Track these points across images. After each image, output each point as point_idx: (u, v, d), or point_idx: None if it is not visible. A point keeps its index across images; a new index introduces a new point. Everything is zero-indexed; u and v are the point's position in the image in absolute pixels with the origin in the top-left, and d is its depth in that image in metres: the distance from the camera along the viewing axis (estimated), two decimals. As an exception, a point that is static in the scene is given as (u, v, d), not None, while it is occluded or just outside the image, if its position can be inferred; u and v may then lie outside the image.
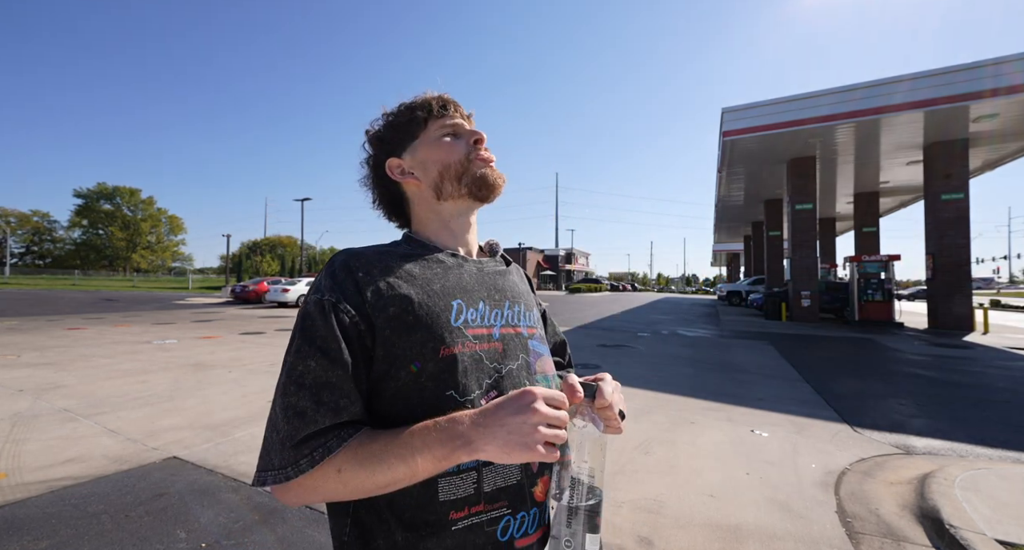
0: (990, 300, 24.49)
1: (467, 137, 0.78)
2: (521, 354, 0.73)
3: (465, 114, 0.82)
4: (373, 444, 0.56)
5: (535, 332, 0.79)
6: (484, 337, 0.69)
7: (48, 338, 9.01)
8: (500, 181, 0.79)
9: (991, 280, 62.79)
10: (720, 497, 2.78)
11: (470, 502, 0.62)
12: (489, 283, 0.76)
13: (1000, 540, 2.24)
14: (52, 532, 2.27)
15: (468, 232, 0.81)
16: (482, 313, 0.71)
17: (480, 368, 0.66)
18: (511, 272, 0.84)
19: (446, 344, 0.64)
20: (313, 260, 58.36)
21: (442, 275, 0.71)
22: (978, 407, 4.84)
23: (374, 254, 0.70)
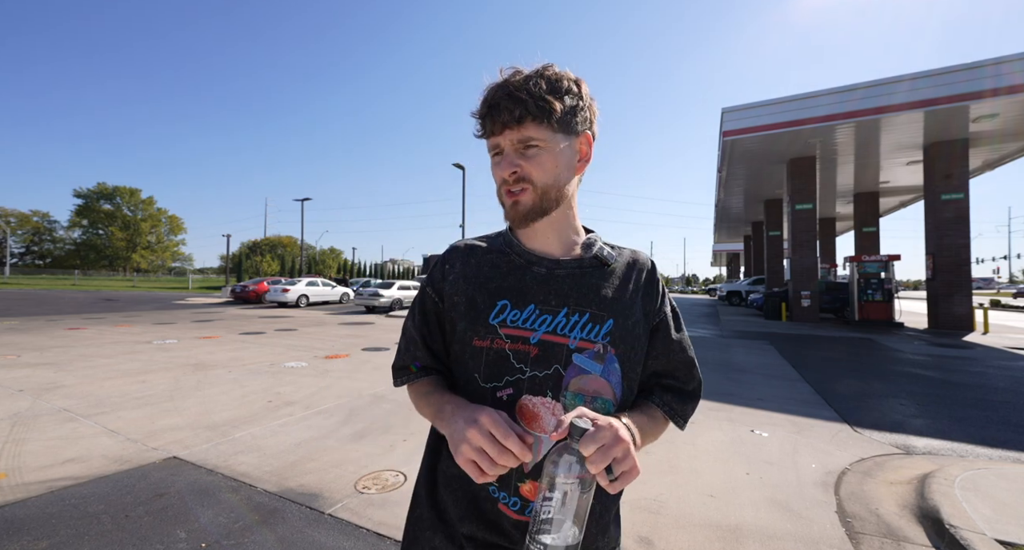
0: (990, 300, 24.48)
1: (495, 170, 0.77)
2: (556, 364, 0.72)
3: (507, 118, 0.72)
4: (423, 389, 0.81)
5: (592, 347, 0.73)
6: (518, 338, 0.73)
7: (48, 338, 9.01)
8: (522, 219, 0.77)
9: (991, 280, 62.75)
10: (720, 497, 2.78)
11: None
12: (554, 286, 0.77)
13: (1000, 540, 2.24)
14: (52, 532, 2.27)
15: (539, 235, 0.81)
16: (527, 316, 0.74)
17: (503, 365, 0.73)
18: (604, 274, 0.80)
19: (479, 336, 0.75)
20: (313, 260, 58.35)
21: (503, 275, 0.79)
22: (978, 407, 4.84)
23: (465, 248, 0.85)
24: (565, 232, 0.82)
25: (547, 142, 0.73)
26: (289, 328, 11.63)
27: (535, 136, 0.72)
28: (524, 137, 0.72)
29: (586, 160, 0.80)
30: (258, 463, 3.16)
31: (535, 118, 0.71)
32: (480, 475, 0.60)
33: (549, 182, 0.75)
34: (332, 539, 2.26)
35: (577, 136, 0.77)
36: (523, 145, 0.73)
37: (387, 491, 2.77)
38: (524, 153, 0.74)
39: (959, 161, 12.26)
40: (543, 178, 0.74)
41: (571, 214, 0.83)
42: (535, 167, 0.74)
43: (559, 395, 0.71)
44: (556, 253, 0.81)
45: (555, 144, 0.74)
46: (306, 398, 4.84)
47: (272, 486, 2.81)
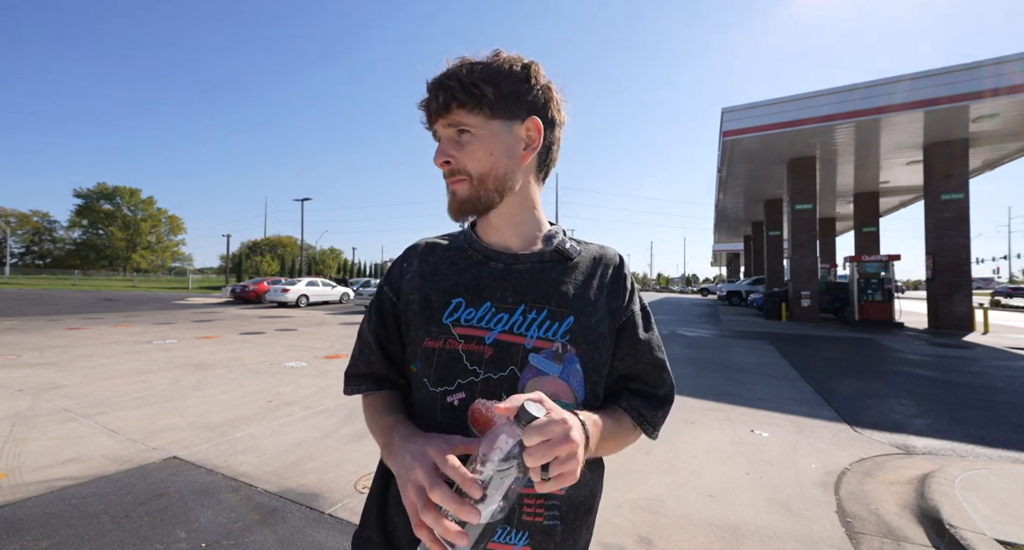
0: (990, 300, 24.46)
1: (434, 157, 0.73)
2: (512, 366, 0.67)
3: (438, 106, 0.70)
4: (375, 406, 0.75)
5: (550, 346, 0.68)
6: (472, 338, 0.68)
7: (48, 338, 9.01)
8: (457, 212, 0.73)
9: (991, 280, 62.73)
10: (720, 497, 2.78)
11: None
12: (511, 283, 0.72)
13: (1000, 540, 2.24)
14: (52, 532, 2.27)
15: (496, 230, 0.77)
16: (483, 314, 0.70)
17: (456, 367, 0.68)
18: (566, 269, 0.75)
19: (431, 336, 0.71)
20: (313, 260, 58.35)
21: (459, 272, 0.75)
22: (978, 407, 4.84)
23: (426, 247, 0.81)
24: (524, 226, 0.77)
25: (480, 129, 0.69)
26: (289, 328, 11.63)
27: (466, 122, 0.69)
28: (454, 123, 0.69)
29: (534, 147, 0.73)
30: (258, 463, 3.16)
31: (462, 104, 0.68)
32: (420, 527, 0.52)
33: (484, 171, 0.70)
34: (332, 539, 2.26)
35: (521, 122, 0.72)
36: (457, 132, 0.70)
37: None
38: (458, 141, 0.70)
39: (959, 161, 12.27)
40: (477, 167, 0.70)
41: (528, 206, 0.77)
42: (468, 156, 0.70)
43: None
44: (515, 248, 0.76)
45: (490, 131, 0.70)
46: (306, 398, 4.85)
47: (272, 486, 2.81)
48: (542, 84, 0.74)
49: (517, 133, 0.72)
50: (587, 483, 0.72)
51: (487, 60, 0.71)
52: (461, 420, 0.66)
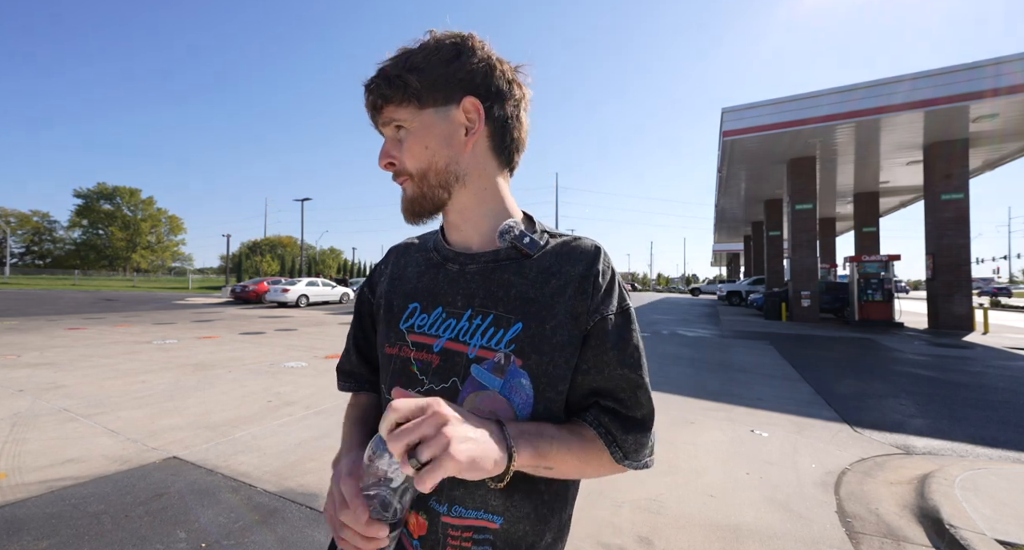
0: (990, 300, 24.47)
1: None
2: (454, 377, 0.61)
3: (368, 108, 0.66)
4: (350, 409, 0.76)
5: (492, 356, 0.59)
6: (423, 345, 0.65)
7: (48, 338, 9.01)
8: (406, 213, 0.68)
9: (991, 280, 62.75)
10: (720, 497, 2.78)
11: None
12: (462, 285, 0.65)
13: (1000, 540, 2.24)
14: (52, 532, 2.27)
15: (455, 228, 0.70)
16: (434, 320, 0.65)
17: (408, 375, 0.65)
18: (520, 268, 0.64)
19: (389, 343, 0.69)
20: (313, 260, 58.37)
21: (420, 274, 0.72)
22: (978, 407, 4.84)
23: (402, 248, 0.80)
24: (483, 221, 0.68)
25: (412, 122, 0.63)
26: (289, 328, 11.63)
27: (399, 118, 0.63)
28: (388, 121, 0.64)
29: (476, 130, 0.64)
30: (258, 463, 3.16)
31: (389, 99, 0.63)
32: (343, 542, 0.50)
33: (423, 167, 0.64)
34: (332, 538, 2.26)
35: (456, 105, 0.63)
36: (395, 129, 0.65)
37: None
38: (399, 139, 0.65)
39: (959, 161, 12.27)
40: (415, 164, 0.64)
41: (488, 198, 0.68)
42: (406, 154, 0.64)
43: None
44: (475, 246, 0.69)
45: (422, 122, 0.63)
46: (306, 398, 4.85)
47: (272, 486, 2.81)
48: (479, 57, 0.64)
49: (454, 118, 0.64)
50: (526, 517, 0.60)
51: (416, 45, 0.65)
52: None
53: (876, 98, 11.18)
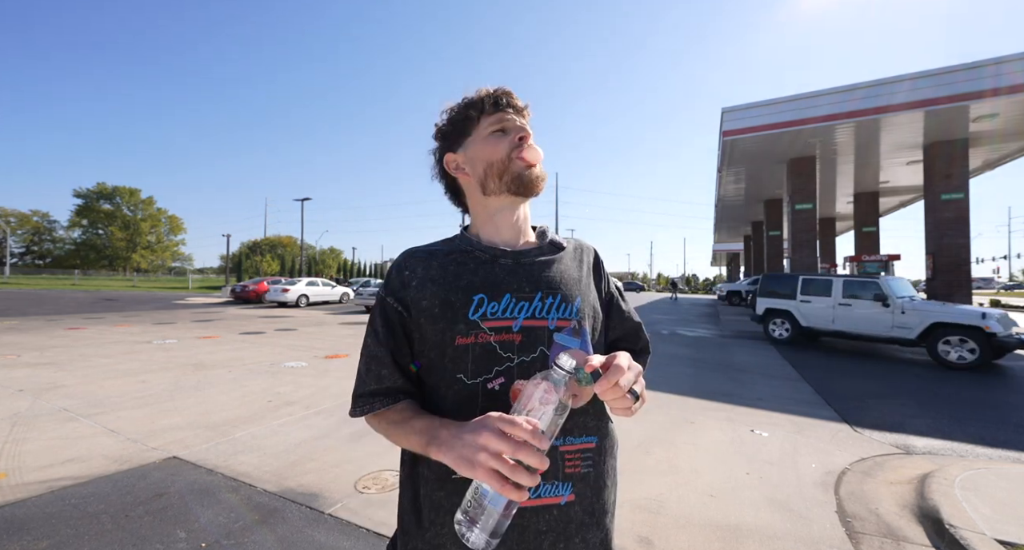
0: (990, 300, 24.48)
1: (513, 134, 0.82)
2: (540, 346, 0.75)
3: (520, 106, 0.84)
4: (399, 416, 0.76)
5: (568, 324, 0.78)
6: (501, 329, 0.75)
7: (48, 338, 9.01)
8: (539, 181, 0.82)
9: (991, 280, 62.70)
10: (720, 497, 2.78)
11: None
12: (523, 275, 0.81)
13: (1000, 540, 2.24)
14: (52, 532, 2.27)
15: (513, 225, 0.86)
16: (505, 306, 0.77)
17: (492, 357, 0.75)
18: (562, 259, 0.86)
19: (462, 334, 0.75)
20: (313, 260, 58.35)
21: (472, 271, 0.80)
22: (978, 407, 4.84)
23: (424, 254, 0.85)
24: (524, 225, 0.88)
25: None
26: (289, 328, 11.63)
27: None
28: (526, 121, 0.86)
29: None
30: (258, 463, 3.16)
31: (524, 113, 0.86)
32: (505, 485, 0.56)
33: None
34: (332, 539, 2.26)
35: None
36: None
37: (387, 491, 2.77)
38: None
39: (959, 161, 12.26)
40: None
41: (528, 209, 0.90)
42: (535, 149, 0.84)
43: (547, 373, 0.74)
44: (515, 245, 0.85)
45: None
46: (306, 398, 4.84)
47: (272, 486, 2.81)
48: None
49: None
50: (609, 434, 0.84)
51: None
52: (503, 401, 0.73)
53: (876, 98, 11.17)
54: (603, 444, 0.81)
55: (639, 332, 0.96)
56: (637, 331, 0.96)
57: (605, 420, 0.83)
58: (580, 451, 0.77)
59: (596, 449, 0.79)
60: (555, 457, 0.74)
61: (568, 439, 0.76)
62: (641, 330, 0.96)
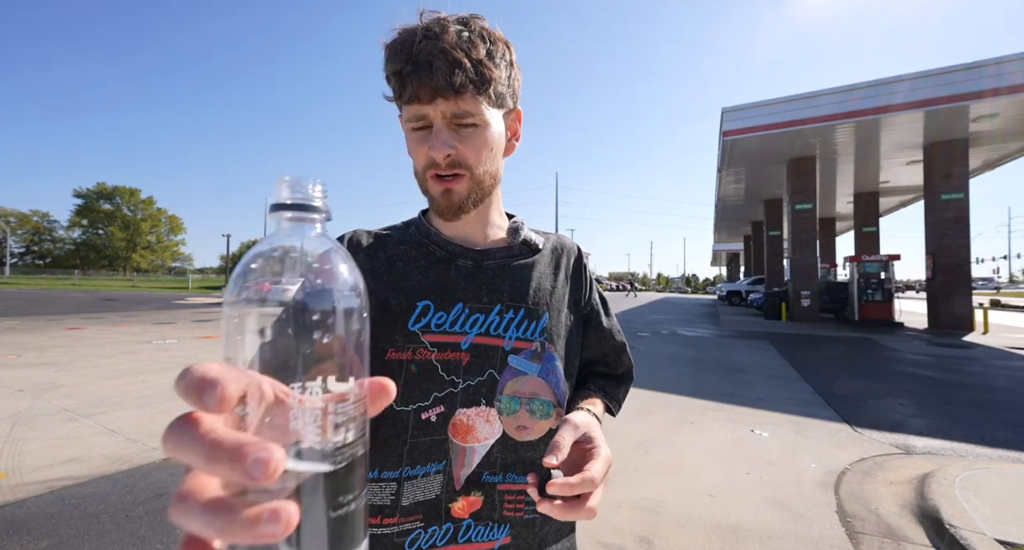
0: (990, 300, 24.49)
1: (428, 145, 0.60)
2: (490, 369, 0.63)
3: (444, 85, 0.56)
4: None
5: (529, 346, 0.65)
6: (447, 345, 0.62)
7: (48, 338, 9.01)
8: (456, 210, 0.63)
9: (991, 280, 62.71)
10: (720, 497, 2.78)
11: (385, 513, 0.59)
12: (483, 281, 0.66)
13: (1000, 540, 2.24)
14: (52, 532, 2.27)
15: (478, 218, 0.69)
16: (455, 317, 0.63)
17: (431, 379, 0.61)
18: (535, 263, 0.70)
19: (396, 347, 0.61)
20: (313, 260, 58.32)
21: (422, 270, 0.66)
22: (978, 407, 4.84)
23: (372, 238, 0.70)
24: (491, 218, 0.71)
25: (484, 118, 0.60)
26: (289, 328, 11.61)
27: (472, 110, 0.59)
28: (460, 111, 0.58)
29: (516, 139, 0.70)
30: (258, 463, 3.16)
31: (476, 88, 0.58)
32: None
33: (485, 168, 0.63)
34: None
35: (510, 111, 0.67)
36: (457, 121, 0.59)
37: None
38: (458, 131, 0.60)
39: (959, 161, 12.26)
40: (480, 164, 0.62)
41: (497, 198, 0.72)
42: (471, 150, 0.61)
43: (493, 400, 0.62)
44: (479, 241, 0.70)
45: (491, 121, 0.62)
46: (306, 398, 4.84)
47: (272, 486, 2.81)
48: (518, 68, 0.67)
49: (507, 123, 0.67)
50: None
51: (486, 32, 0.60)
52: (440, 435, 0.61)
53: (876, 98, 11.18)
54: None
55: (620, 355, 0.79)
56: (618, 353, 0.79)
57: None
58: (524, 492, 0.63)
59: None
60: (492, 495, 0.62)
61: (509, 476, 0.63)
62: (624, 352, 0.80)
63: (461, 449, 0.62)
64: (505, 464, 0.63)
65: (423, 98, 0.57)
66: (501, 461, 0.63)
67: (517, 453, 0.63)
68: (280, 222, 0.32)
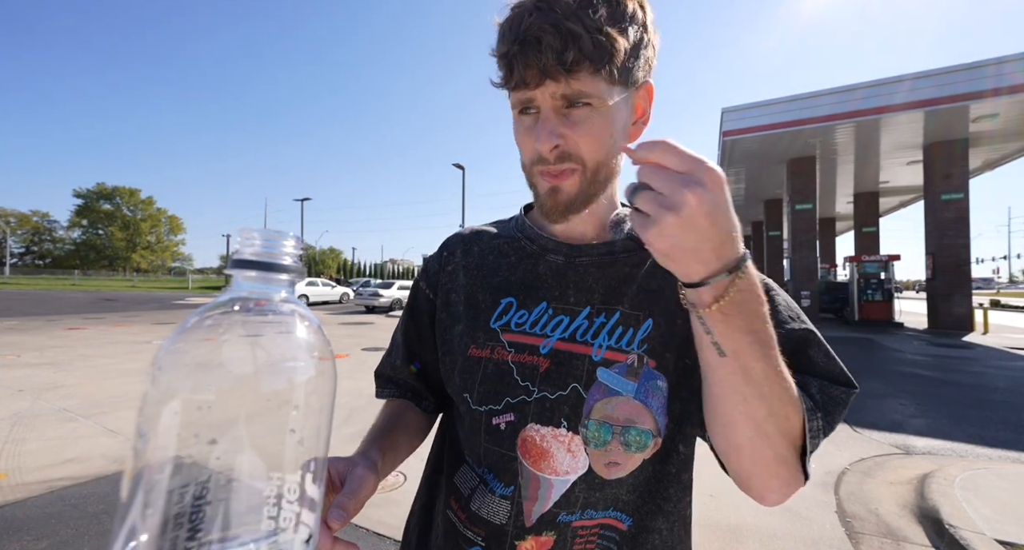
0: (990, 300, 24.49)
1: (534, 136, 0.51)
2: (574, 383, 0.53)
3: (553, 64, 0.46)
4: (376, 421, 0.66)
5: (624, 359, 0.53)
6: (525, 347, 0.56)
7: (48, 338, 9.00)
8: (564, 210, 0.54)
9: (991, 280, 62.72)
10: (720, 497, 2.78)
11: (461, 503, 0.58)
12: (573, 278, 0.58)
13: (1000, 540, 2.24)
14: (52, 532, 2.27)
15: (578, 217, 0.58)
16: (537, 317, 0.57)
17: (505, 382, 0.55)
18: (638, 261, 0.58)
19: (477, 344, 0.59)
20: (313, 260, 58.40)
21: (511, 265, 0.62)
22: (978, 407, 4.84)
23: (470, 234, 0.69)
24: (602, 210, 0.60)
25: (602, 100, 0.49)
26: (289, 328, 11.62)
27: (588, 91, 0.48)
28: (573, 92, 0.48)
29: (644, 121, 0.57)
30: (258, 463, 3.16)
31: (593, 63, 0.46)
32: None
33: (602, 159, 0.52)
34: (332, 539, 2.26)
35: (637, 88, 0.53)
36: (567, 104, 0.49)
37: (387, 491, 2.77)
38: (568, 116, 0.50)
39: (959, 161, 12.26)
40: (595, 154, 0.51)
41: (612, 190, 0.59)
42: (585, 138, 0.50)
43: (577, 424, 0.53)
44: (587, 237, 0.61)
45: (611, 102, 0.50)
46: (306, 398, 4.84)
47: (272, 486, 2.81)
48: (653, 32, 0.53)
49: (632, 103, 0.54)
50: (652, 514, 0.56)
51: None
52: (509, 448, 0.54)
53: (876, 98, 11.17)
54: (639, 532, 0.55)
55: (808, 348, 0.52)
56: (804, 346, 0.52)
57: (656, 503, 0.56)
58: (600, 527, 0.54)
59: (626, 534, 0.55)
60: (565, 534, 0.53)
61: (588, 512, 0.54)
62: (813, 346, 0.52)
63: (534, 478, 0.53)
64: (587, 503, 0.54)
65: (530, 82, 0.48)
66: (583, 500, 0.54)
67: (603, 492, 0.54)
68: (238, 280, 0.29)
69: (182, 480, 0.27)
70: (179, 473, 0.27)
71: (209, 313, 0.29)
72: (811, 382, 0.50)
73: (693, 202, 0.35)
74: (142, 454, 0.27)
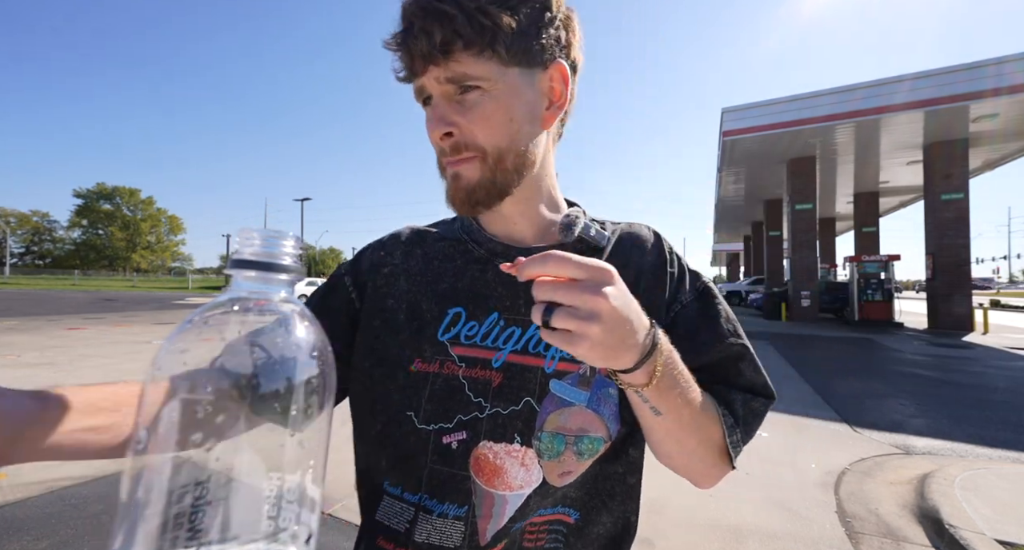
0: (990, 300, 24.50)
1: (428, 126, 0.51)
2: (527, 397, 0.52)
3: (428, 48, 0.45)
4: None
5: (576, 369, 0.53)
6: (476, 361, 0.53)
7: (48, 338, 9.00)
8: (459, 201, 0.52)
9: (991, 280, 62.76)
10: (720, 497, 2.78)
11: (398, 541, 0.52)
12: (525, 287, 0.51)
13: (1000, 540, 2.24)
14: (52, 532, 2.27)
15: (504, 216, 0.58)
16: (488, 329, 0.54)
17: (456, 398, 0.52)
18: None
19: (423, 358, 0.54)
20: (313, 260, 58.45)
21: (456, 272, 0.57)
22: (978, 407, 4.84)
23: (413, 235, 0.63)
24: (539, 210, 0.58)
25: (494, 81, 0.48)
26: (289, 328, 11.62)
27: (473, 73, 0.47)
28: (456, 75, 0.47)
29: (560, 105, 0.54)
30: (258, 463, 3.16)
31: (470, 43, 0.45)
32: None
33: (504, 144, 0.50)
34: (332, 539, 2.26)
35: (544, 68, 0.51)
36: (457, 89, 0.48)
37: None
38: (462, 101, 0.49)
39: (959, 161, 12.27)
40: (493, 139, 0.49)
41: (546, 184, 0.58)
42: (480, 124, 0.49)
43: (531, 438, 0.51)
44: (528, 239, 0.58)
45: (508, 84, 0.48)
46: (306, 398, 4.84)
47: (272, 486, 2.81)
48: (565, 12, 0.52)
49: (540, 86, 0.52)
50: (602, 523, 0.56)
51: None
52: (461, 467, 0.51)
53: (876, 98, 11.19)
54: (585, 526, 0.55)
55: (739, 362, 0.59)
56: (735, 360, 0.58)
57: (602, 499, 0.56)
58: (548, 523, 0.54)
59: (573, 527, 0.54)
60: (516, 537, 0.52)
61: (538, 511, 0.54)
62: (744, 360, 0.59)
63: (487, 495, 0.51)
64: (537, 507, 0.53)
65: (417, 70, 0.48)
66: (535, 506, 0.53)
67: (553, 497, 0.53)
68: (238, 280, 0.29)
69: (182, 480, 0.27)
70: (179, 473, 0.27)
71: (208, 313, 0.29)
72: (736, 397, 0.57)
73: (607, 307, 0.36)
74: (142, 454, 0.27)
